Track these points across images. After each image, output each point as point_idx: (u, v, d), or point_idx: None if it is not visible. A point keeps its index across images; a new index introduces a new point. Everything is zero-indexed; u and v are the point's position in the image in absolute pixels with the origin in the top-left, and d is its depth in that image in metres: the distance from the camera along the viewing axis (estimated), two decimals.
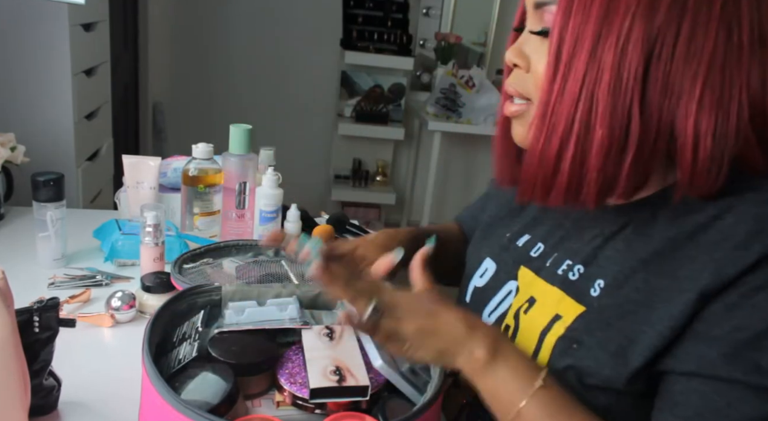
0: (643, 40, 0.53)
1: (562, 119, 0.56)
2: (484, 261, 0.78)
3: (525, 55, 0.62)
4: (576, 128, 0.55)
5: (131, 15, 2.65)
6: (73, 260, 1.12)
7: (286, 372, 0.68)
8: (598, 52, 0.54)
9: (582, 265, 0.64)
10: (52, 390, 0.72)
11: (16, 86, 1.49)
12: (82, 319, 0.91)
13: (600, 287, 0.61)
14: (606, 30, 0.53)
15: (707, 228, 0.56)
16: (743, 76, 0.53)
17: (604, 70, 0.54)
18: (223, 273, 0.91)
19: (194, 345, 0.66)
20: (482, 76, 3.20)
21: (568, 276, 0.65)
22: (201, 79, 3.48)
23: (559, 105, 0.56)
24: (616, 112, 0.54)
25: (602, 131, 0.54)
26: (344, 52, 3.26)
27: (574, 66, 0.55)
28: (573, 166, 0.57)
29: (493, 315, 0.72)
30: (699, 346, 0.53)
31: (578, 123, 0.55)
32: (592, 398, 0.59)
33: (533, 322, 0.65)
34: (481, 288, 0.77)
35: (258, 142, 1.28)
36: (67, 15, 1.47)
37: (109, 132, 1.95)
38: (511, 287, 0.72)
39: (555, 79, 0.56)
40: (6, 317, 0.59)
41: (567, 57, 0.55)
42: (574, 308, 0.62)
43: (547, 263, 0.69)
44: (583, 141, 0.55)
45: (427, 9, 3.55)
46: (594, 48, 0.54)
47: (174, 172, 1.29)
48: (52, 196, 1.04)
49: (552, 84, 0.56)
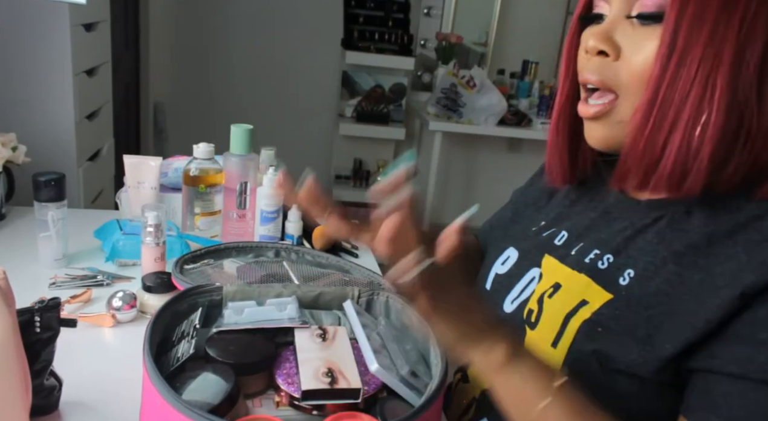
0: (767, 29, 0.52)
1: (673, 106, 0.54)
2: (506, 250, 0.77)
3: (615, 43, 0.59)
4: (686, 116, 0.54)
5: (132, 15, 2.65)
6: (74, 260, 1.12)
7: (284, 372, 0.68)
8: (717, 38, 0.52)
9: (612, 254, 0.64)
10: (53, 390, 0.72)
11: (17, 86, 1.50)
12: (83, 319, 0.91)
13: (630, 277, 0.60)
14: (727, 16, 0.52)
15: (747, 227, 0.55)
16: None
17: (723, 55, 0.52)
18: (224, 273, 0.91)
19: (192, 343, 0.66)
20: (483, 76, 3.20)
21: (596, 265, 0.64)
22: (202, 79, 3.48)
23: (671, 92, 0.54)
24: (735, 98, 0.53)
25: (718, 118, 0.53)
26: (345, 52, 3.26)
27: (691, 53, 0.53)
28: (680, 153, 0.55)
29: (515, 302, 0.72)
30: (744, 348, 0.52)
31: (689, 110, 0.54)
32: (612, 383, 0.58)
33: (558, 306, 0.65)
34: (503, 275, 0.76)
35: (259, 142, 1.28)
36: (68, 15, 1.47)
37: (110, 132, 1.95)
38: (534, 274, 0.71)
39: (668, 66, 0.54)
40: (7, 317, 0.59)
41: (683, 43, 0.54)
42: (601, 295, 0.61)
43: (572, 252, 0.68)
44: (695, 128, 0.54)
45: (428, 9, 3.55)
46: (713, 33, 0.52)
47: (175, 172, 1.30)
48: (54, 196, 1.04)
49: (665, 72, 0.54)
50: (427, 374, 0.69)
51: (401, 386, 0.66)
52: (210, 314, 0.76)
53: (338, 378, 0.65)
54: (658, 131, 0.56)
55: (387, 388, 0.67)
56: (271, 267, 0.93)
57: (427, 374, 0.69)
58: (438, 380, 0.64)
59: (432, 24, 3.57)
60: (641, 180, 0.59)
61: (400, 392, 0.66)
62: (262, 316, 0.74)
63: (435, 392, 0.62)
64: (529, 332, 0.68)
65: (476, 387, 0.77)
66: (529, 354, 0.57)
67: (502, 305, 0.73)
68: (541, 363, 0.57)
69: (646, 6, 0.57)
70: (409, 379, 0.67)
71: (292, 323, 0.73)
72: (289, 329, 0.73)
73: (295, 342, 0.71)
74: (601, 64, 0.60)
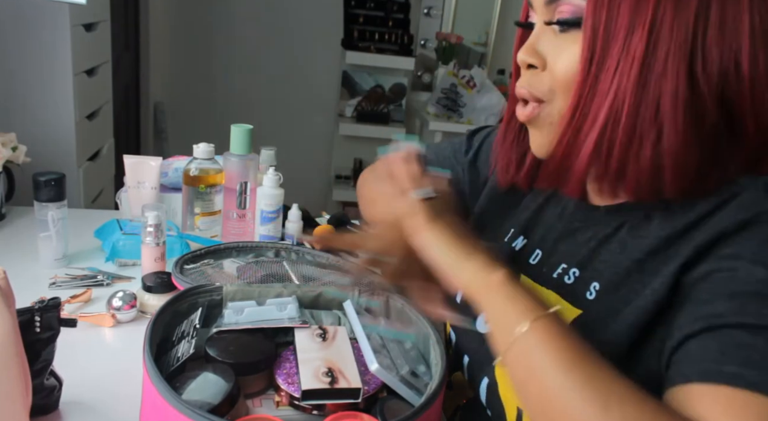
0: (675, 29, 0.52)
1: (591, 111, 0.55)
2: None
3: (540, 54, 0.60)
4: (602, 119, 0.54)
5: (132, 15, 2.65)
6: (75, 260, 1.12)
7: (284, 372, 0.68)
8: (632, 44, 0.53)
9: (577, 268, 0.64)
10: (54, 390, 0.72)
11: (17, 86, 1.50)
12: (83, 319, 0.91)
13: (596, 290, 0.60)
14: (638, 19, 0.52)
15: (698, 225, 0.55)
16: None
17: (635, 59, 0.53)
18: (224, 273, 0.91)
19: (192, 343, 0.66)
20: (483, 76, 3.20)
21: (563, 280, 0.64)
22: (202, 79, 3.48)
23: (591, 97, 0.55)
24: (644, 105, 0.53)
25: (628, 121, 0.54)
26: (345, 52, 3.26)
27: (607, 60, 0.54)
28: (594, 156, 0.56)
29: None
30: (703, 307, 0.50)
31: (605, 114, 0.54)
32: None
33: None
34: None
35: (259, 142, 1.28)
36: (69, 15, 1.47)
37: (110, 132, 1.95)
38: None
39: (589, 72, 0.55)
40: (7, 317, 0.59)
41: (601, 49, 0.54)
42: (570, 311, 0.61)
43: (543, 269, 0.68)
44: (610, 132, 0.54)
45: (428, 9, 3.55)
46: (627, 38, 0.53)
47: (175, 172, 1.30)
48: (54, 196, 1.04)
49: (586, 78, 0.55)
50: (427, 374, 0.69)
51: (401, 385, 0.66)
52: (210, 314, 0.76)
53: (338, 378, 0.65)
54: (576, 139, 0.57)
55: (387, 388, 0.67)
56: (271, 267, 0.93)
57: (427, 374, 0.69)
58: (438, 380, 0.64)
59: (432, 24, 3.57)
60: (564, 185, 0.60)
61: (400, 392, 0.66)
62: (262, 316, 0.74)
63: (435, 392, 0.62)
64: None
65: (460, 395, 0.76)
66: (521, 283, 0.57)
67: (475, 322, 0.72)
68: (533, 292, 0.56)
69: (563, 12, 0.57)
70: (409, 379, 0.67)
71: (292, 322, 0.73)
72: (289, 329, 0.73)
73: (295, 342, 0.71)
74: (531, 76, 0.61)
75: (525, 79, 0.62)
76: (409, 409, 0.63)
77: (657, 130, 0.53)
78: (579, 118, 0.56)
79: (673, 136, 0.53)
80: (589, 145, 0.56)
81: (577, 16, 0.56)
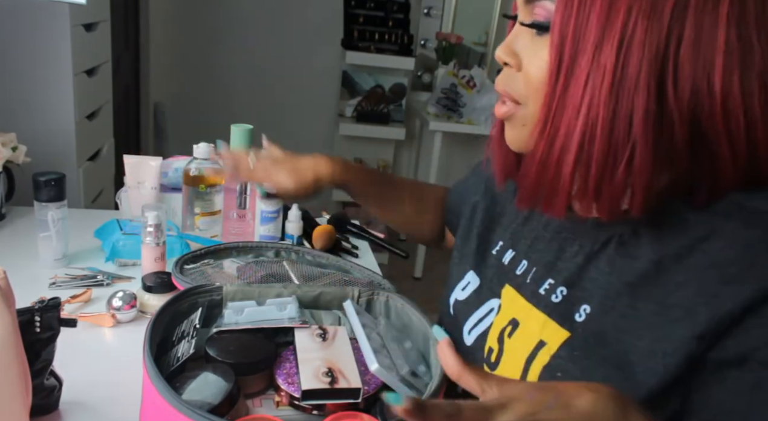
0: (646, 43, 0.50)
1: (563, 125, 0.53)
2: (467, 274, 0.76)
3: (516, 54, 0.59)
4: (577, 135, 0.52)
5: (132, 15, 2.65)
6: (75, 260, 1.12)
7: (284, 372, 0.68)
8: (601, 56, 0.50)
9: (565, 286, 0.62)
10: (53, 390, 0.72)
11: (17, 86, 1.50)
12: (83, 319, 0.91)
13: (586, 313, 0.59)
14: (608, 30, 0.50)
15: (693, 250, 0.53)
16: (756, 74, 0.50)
17: (606, 73, 0.50)
18: (224, 273, 0.91)
19: (192, 343, 0.66)
20: (483, 76, 3.20)
21: (551, 298, 0.62)
22: (202, 80, 3.48)
23: (561, 109, 0.53)
24: (617, 121, 0.51)
25: (603, 138, 0.51)
26: (345, 52, 3.26)
27: (576, 70, 0.52)
28: (574, 174, 0.53)
29: (473, 332, 0.70)
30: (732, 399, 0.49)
31: (580, 130, 0.52)
32: None
33: (518, 348, 0.63)
34: (462, 301, 0.75)
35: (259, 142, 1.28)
36: (69, 15, 1.47)
37: (110, 132, 1.95)
38: (493, 305, 0.70)
39: (557, 81, 0.53)
40: (7, 317, 0.59)
41: (569, 59, 0.52)
42: (559, 333, 0.60)
43: (528, 280, 0.66)
44: (587, 149, 0.52)
45: (428, 9, 3.55)
46: (596, 49, 0.51)
47: (175, 172, 1.30)
48: (54, 196, 1.04)
49: (554, 87, 0.53)
50: (427, 374, 0.69)
51: (401, 385, 0.66)
52: (210, 314, 0.76)
53: (338, 378, 0.65)
54: (551, 151, 0.54)
55: (387, 388, 0.67)
56: (271, 267, 0.93)
57: (427, 374, 0.69)
58: (438, 380, 0.64)
59: (432, 24, 3.57)
60: (544, 203, 0.57)
61: (401, 392, 0.66)
62: (262, 316, 0.74)
63: (435, 392, 0.62)
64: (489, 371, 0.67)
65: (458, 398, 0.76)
66: None
67: (461, 334, 0.72)
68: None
69: (538, 15, 0.55)
70: (409, 379, 0.67)
71: (292, 322, 0.73)
72: (289, 329, 0.73)
73: (295, 342, 0.71)
74: (507, 74, 0.60)
75: (503, 77, 0.61)
76: None
77: (631, 148, 0.51)
78: (550, 131, 0.54)
79: (644, 155, 0.51)
80: (569, 162, 0.53)
81: (549, 21, 0.54)
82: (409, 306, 0.79)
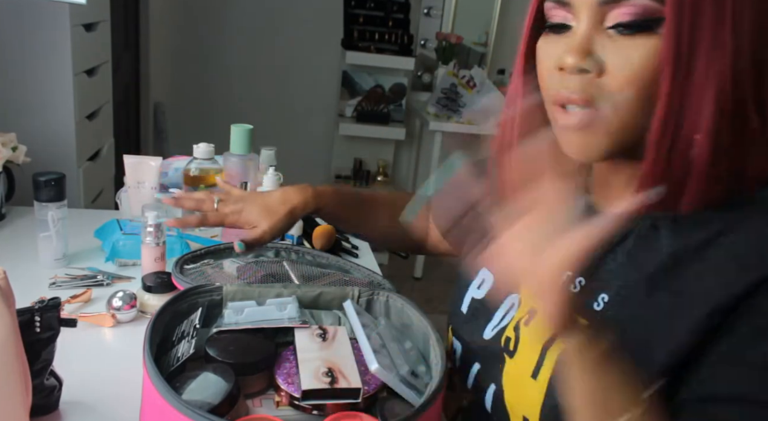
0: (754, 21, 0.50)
1: (687, 120, 0.52)
2: (480, 270, 0.76)
3: (596, 58, 0.55)
4: (707, 124, 0.52)
5: (132, 15, 2.65)
6: (74, 260, 1.12)
7: (284, 372, 0.68)
8: (718, 38, 0.50)
9: (582, 276, 0.62)
10: (53, 390, 0.72)
11: (17, 86, 1.50)
12: (83, 319, 0.91)
13: (604, 302, 0.59)
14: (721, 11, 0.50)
15: (712, 244, 0.54)
16: None
17: (726, 57, 0.50)
18: (224, 273, 0.91)
19: (192, 343, 0.66)
20: (483, 76, 3.20)
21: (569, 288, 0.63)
22: (202, 80, 3.48)
23: (685, 105, 0.52)
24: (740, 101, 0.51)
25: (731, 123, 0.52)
26: (345, 52, 3.26)
27: (698, 57, 0.51)
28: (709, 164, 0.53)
29: (495, 329, 0.70)
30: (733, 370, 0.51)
31: (712, 116, 0.52)
32: None
33: (534, 334, 0.64)
34: (480, 300, 0.74)
35: (259, 142, 1.28)
36: (69, 15, 1.47)
37: (110, 132, 1.95)
38: (513, 300, 0.70)
39: (676, 76, 0.52)
40: (7, 317, 0.59)
41: (687, 48, 0.51)
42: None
43: None
44: (717, 136, 0.52)
45: (428, 9, 3.55)
46: (713, 34, 0.50)
47: (175, 172, 1.30)
48: (54, 196, 1.04)
49: (673, 81, 0.52)
50: (427, 374, 0.69)
51: (401, 385, 0.66)
52: (210, 314, 0.76)
53: (338, 378, 0.65)
54: (675, 146, 0.54)
55: (387, 388, 0.67)
56: (271, 267, 0.93)
57: (427, 374, 0.69)
58: (438, 380, 0.64)
59: (432, 24, 3.57)
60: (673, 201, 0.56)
61: (401, 392, 0.66)
62: (262, 316, 0.74)
63: (435, 392, 0.62)
64: (508, 360, 0.67)
65: (461, 397, 0.76)
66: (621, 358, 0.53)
67: (483, 332, 0.72)
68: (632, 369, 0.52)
69: (626, 15, 0.53)
70: (409, 379, 0.67)
71: (292, 322, 0.73)
72: (289, 329, 0.73)
73: (295, 342, 0.71)
74: (583, 81, 0.56)
75: (576, 84, 0.56)
76: (409, 409, 0.63)
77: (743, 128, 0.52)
78: (673, 128, 0.53)
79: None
80: (703, 153, 0.52)
81: (644, 18, 0.52)
82: (409, 306, 0.79)
